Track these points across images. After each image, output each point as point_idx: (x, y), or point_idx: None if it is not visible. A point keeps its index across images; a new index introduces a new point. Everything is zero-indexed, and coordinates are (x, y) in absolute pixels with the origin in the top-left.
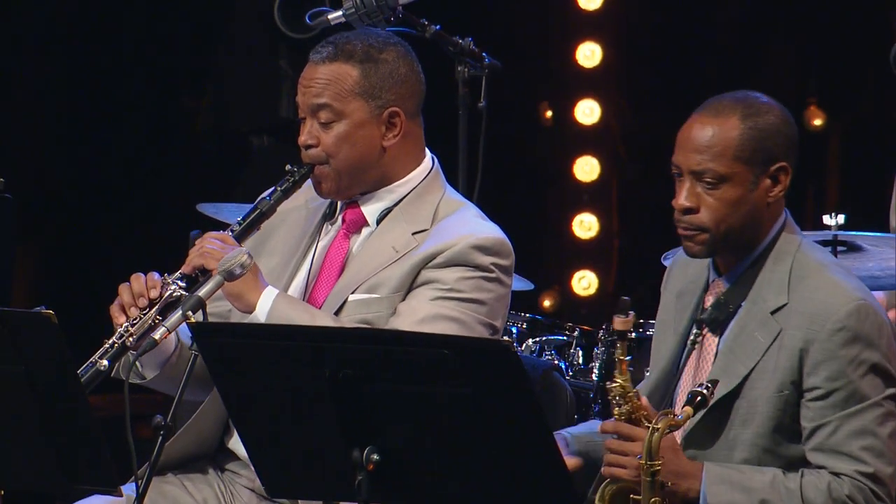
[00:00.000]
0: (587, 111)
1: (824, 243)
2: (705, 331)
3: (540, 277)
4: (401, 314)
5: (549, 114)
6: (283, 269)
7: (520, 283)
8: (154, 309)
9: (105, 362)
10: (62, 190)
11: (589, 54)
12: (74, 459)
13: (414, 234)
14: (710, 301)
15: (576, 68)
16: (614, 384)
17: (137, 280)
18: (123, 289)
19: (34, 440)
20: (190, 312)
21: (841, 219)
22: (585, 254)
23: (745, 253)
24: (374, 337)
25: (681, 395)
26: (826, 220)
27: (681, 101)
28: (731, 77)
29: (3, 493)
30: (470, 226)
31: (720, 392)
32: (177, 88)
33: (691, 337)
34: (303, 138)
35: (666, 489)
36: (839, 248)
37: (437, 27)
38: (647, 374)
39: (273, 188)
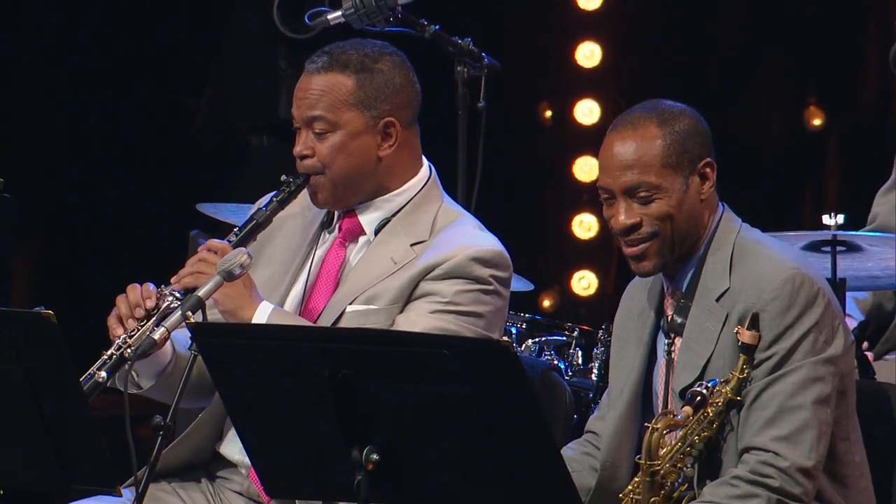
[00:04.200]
0: (587, 111)
1: (823, 243)
2: (674, 337)
3: (539, 277)
4: (399, 326)
5: (548, 114)
6: (281, 279)
7: (519, 284)
8: (151, 320)
9: (104, 374)
10: (62, 190)
11: (588, 54)
12: (73, 459)
13: (412, 245)
14: (670, 307)
15: (575, 68)
16: (720, 392)
17: (133, 291)
18: (120, 300)
19: (33, 440)
20: (189, 312)
21: (840, 219)
22: (585, 254)
23: (690, 254)
24: (374, 337)
25: (659, 403)
26: (825, 219)
27: (681, 101)
28: (731, 76)
29: (1, 493)
30: (469, 237)
31: (682, 385)
32: (176, 88)
33: (664, 347)
34: (298, 148)
35: None
36: (839, 248)
37: (437, 27)
38: (609, 392)
39: (269, 199)
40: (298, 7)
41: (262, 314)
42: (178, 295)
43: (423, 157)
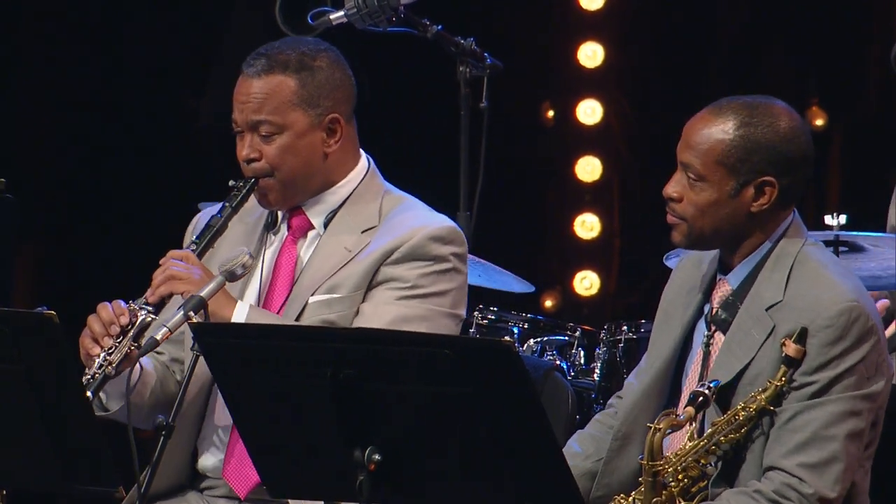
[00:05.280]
0: (589, 111)
1: (826, 243)
2: (714, 330)
3: (541, 278)
4: (367, 316)
5: (550, 114)
6: (232, 287)
7: (521, 284)
8: (128, 336)
9: (88, 394)
10: (63, 190)
11: (591, 54)
12: (75, 459)
13: (363, 232)
14: (717, 299)
15: (577, 68)
16: (755, 398)
17: (105, 309)
18: (93, 320)
19: (35, 440)
20: (192, 313)
21: (843, 219)
22: (587, 254)
23: (743, 254)
24: (376, 337)
25: (686, 393)
26: (828, 220)
27: (682, 101)
28: (733, 76)
29: (4, 492)
30: (422, 218)
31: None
32: (178, 88)
33: (703, 339)
34: (244, 152)
35: None
36: (841, 249)
37: (439, 27)
38: (643, 363)
39: (221, 205)
40: (300, 7)
41: (240, 313)
42: (149, 309)
43: (360, 148)
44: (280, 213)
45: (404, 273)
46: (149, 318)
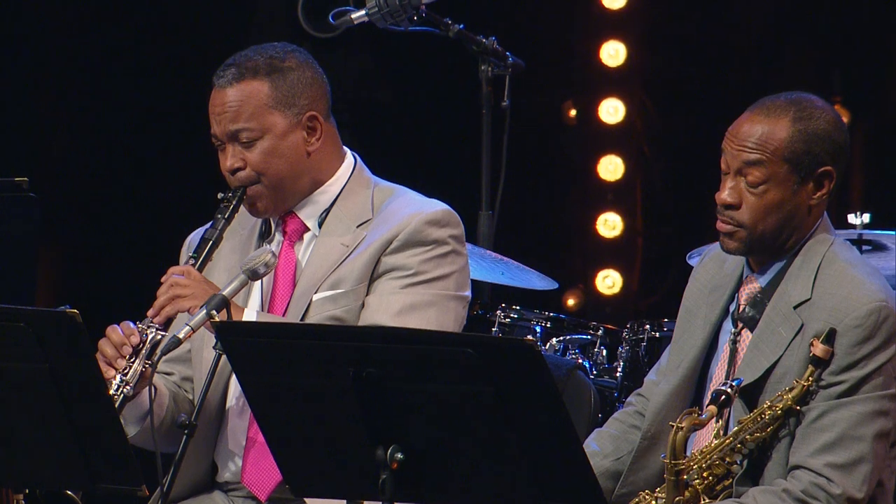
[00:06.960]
0: (611, 110)
1: (849, 242)
2: (741, 328)
3: (564, 276)
4: (374, 308)
5: (573, 113)
6: (236, 295)
7: (544, 282)
8: (140, 356)
9: None
10: (86, 189)
11: (613, 53)
12: (99, 458)
13: (358, 226)
14: (744, 297)
15: (600, 67)
16: (782, 398)
17: (114, 331)
18: (104, 343)
19: (58, 439)
20: (214, 312)
21: (866, 218)
22: (609, 253)
23: (780, 253)
24: (398, 336)
25: (710, 392)
26: (851, 218)
27: (704, 100)
28: (755, 76)
29: (27, 491)
30: (415, 205)
31: (744, 384)
32: (201, 87)
33: (730, 336)
34: (228, 163)
35: None
36: (864, 248)
37: (461, 26)
38: (666, 360)
39: (212, 220)
40: (322, 6)
41: (248, 319)
42: (157, 327)
43: (344, 147)
44: (273, 222)
45: (406, 261)
46: (158, 335)
